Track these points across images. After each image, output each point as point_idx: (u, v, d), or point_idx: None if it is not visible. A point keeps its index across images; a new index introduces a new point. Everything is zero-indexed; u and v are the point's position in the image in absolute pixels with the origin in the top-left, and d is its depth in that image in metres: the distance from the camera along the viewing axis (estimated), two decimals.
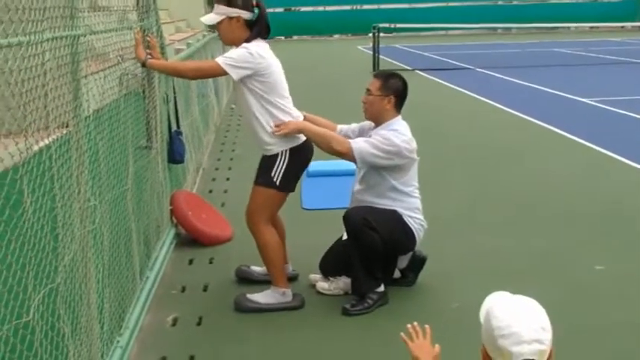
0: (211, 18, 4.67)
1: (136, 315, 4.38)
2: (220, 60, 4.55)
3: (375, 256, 4.67)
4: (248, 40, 4.58)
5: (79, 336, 3.10)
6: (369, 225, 4.61)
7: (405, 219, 4.77)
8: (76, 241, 3.07)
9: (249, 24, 4.63)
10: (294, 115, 4.69)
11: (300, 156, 4.70)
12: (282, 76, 4.68)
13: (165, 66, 4.92)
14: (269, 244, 4.74)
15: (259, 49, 4.55)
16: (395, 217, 4.75)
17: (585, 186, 7.64)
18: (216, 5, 4.68)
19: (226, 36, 4.69)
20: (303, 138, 4.67)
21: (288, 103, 4.68)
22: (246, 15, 4.62)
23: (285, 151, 4.63)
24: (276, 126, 4.58)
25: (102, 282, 3.57)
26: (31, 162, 2.55)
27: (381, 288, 4.78)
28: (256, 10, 4.66)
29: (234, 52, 4.56)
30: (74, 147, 3.09)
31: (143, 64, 4.77)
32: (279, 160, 4.63)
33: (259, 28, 4.64)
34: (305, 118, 4.85)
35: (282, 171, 4.63)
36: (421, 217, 4.87)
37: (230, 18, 4.61)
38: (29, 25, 2.49)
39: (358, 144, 4.66)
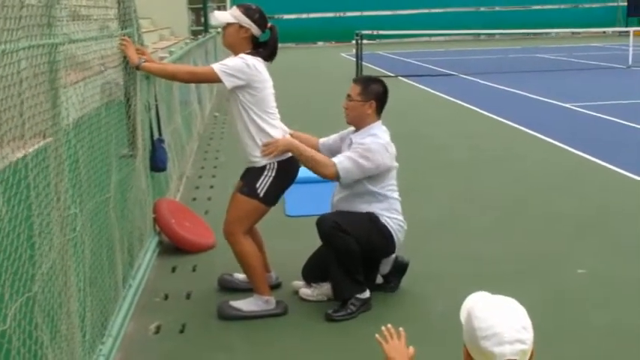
0: (225, 17, 4.69)
1: (118, 323, 4.37)
2: (216, 66, 4.56)
3: (351, 259, 4.66)
4: (247, 54, 4.60)
5: (58, 344, 3.09)
6: (340, 228, 4.62)
7: (382, 220, 4.77)
8: (55, 249, 3.05)
9: (255, 40, 4.66)
10: (282, 131, 4.70)
11: (287, 170, 4.71)
12: (273, 95, 4.71)
13: (160, 69, 4.93)
14: (248, 253, 4.73)
15: (256, 62, 4.57)
16: (370, 219, 4.75)
17: (567, 190, 7.69)
18: (234, 7, 4.72)
19: (228, 39, 4.69)
20: (290, 153, 4.68)
21: (275, 118, 4.70)
22: (255, 31, 4.65)
23: (273, 163, 4.63)
24: (265, 145, 4.59)
25: (83, 290, 3.56)
26: (7, 171, 2.54)
27: (366, 294, 4.79)
28: (267, 32, 4.69)
29: (231, 61, 4.57)
30: (52, 155, 3.08)
31: (137, 67, 4.77)
32: (266, 172, 4.63)
33: (265, 51, 4.67)
34: (292, 135, 4.86)
35: (268, 184, 4.63)
36: (400, 217, 4.87)
37: (240, 26, 4.63)
38: (4, 34, 2.48)
39: (342, 164, 4.66)
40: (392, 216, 4.82)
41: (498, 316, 2.11)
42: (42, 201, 2.92)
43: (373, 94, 4.79)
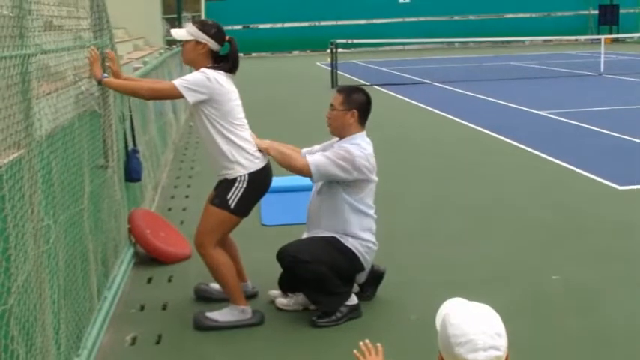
0: (181, 34, 4.70)
1: (94, 335, 4.34)
2: (177, 82, 4.56)
3: (321, 281, 4.67)
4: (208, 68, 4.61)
5: (34, 357, 3.07)
6: (299, 260, 4.63)
7: (346, 242, 4.75)
8: (29, 261, 3.04)
9: (214, 54, 4.67)
10: (251, 142, 4.70)
11: (259, 182, 4.70)
12: (239, 106, 4.70)
13: (121, 85, 4.89)
14: (220, 264, 4.72)
15: (218, 75, 4.57)
16: (330, 242, 4.73)
17: (540, 197, 7.75)
18: (190, 24, 4.72)
19: (187, 56, 4.71)
20: (261, 164, 4.68)
21: (243, 129, 4.69)
22: (213, 46, 4.65)
23: (244, 175, 4.63)
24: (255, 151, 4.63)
25: (58, 302, 3.53)
26: None
27: (353, 300, 4.80)
28: (227, 46, 4.69)
29: (192, 76, 4.57)
30: (26, 167, 3.07)
31: (99, 82, 4.75)
32: (237, 183, 4.62)
33: (227, 65, 4.68)
34: None
35: (239, 195, 4.62)
36: (371, 237, 4.84)
37: (197, 42, 4.63)
38: None
39: (314, 158, 4.68)
40: (362, 236, 4.79)
41: (472, 323, 2.11)
42: (17, 213, 2.91)
43: (355, 104, 4.79)
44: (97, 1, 5.25)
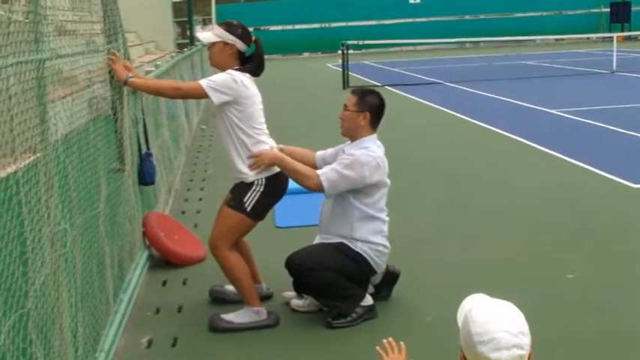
0: (208, 37, 4.70)
1: (110, 338, 4.35)
2: (203, 82, 4.56)
3: (330, 288, 4.67)
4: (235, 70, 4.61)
5: None
6: (305, 267, 4.63)
7: (356, 248, 4.73)
8: (47, 265, 3.05)
9: (242, 55, 4.68)
10: (269, 146, 4.70)
11: (276, 186, 4.71)
12: (261, 110, 4.71)
13: (147, 85, 4.91)
14: (235, 266, 4.72)
15: (244, 77, 4.58)
16: (337, 248, 4.72)
17: (554, 196, 7.72)
18: (215, 26, 4.73)
19: (215, 58, 4.71)
20: (278, 169, 4.68)
21: (263, 134, 4.69)
22: (241, 46, 4.66)
23: (261, 179, 4.63)
24: (249, 157, 4.59)
25: (75, 305, 3.55)
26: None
27: (368, 301, 4.79)
28: (252, 46, 4.70)
29: (218, 77, 4.57)
30: (42, 171, 3.08)
31: (125, 83, 4.77)
32: (254, 187, 4.63)
33: (252, 65, 4.68)
34: (281, 150, 4.84)
35: (256, 198, 4.63)
36: (381, 241, 4.81)
37: (225, 43, 4.64)
38: None
39: (326, 176, 4.62)
40: (372, 240, 4.76)
41: (495, 321, 2.08)
42: (33, 217, 2.92)
43: (368, 106, 4.77)
44: (111, 6, 5.27)
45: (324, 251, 4.72)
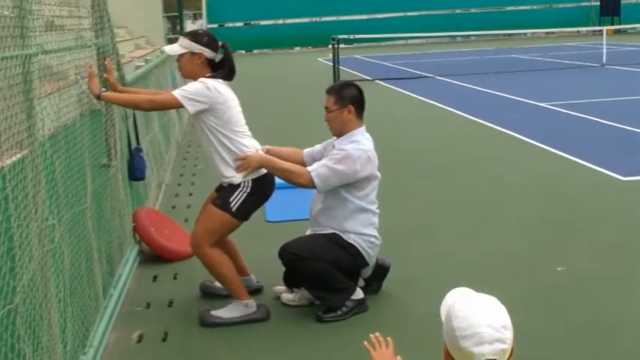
0: (174, 49, 4.69)
1: (100, 333, 4.35)
2: (177, 92, 4.55)
3: (323, 279, 4.68)
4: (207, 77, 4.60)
5: (40, 356, 3.08)
6: (300, 257, 4.63)
7: (349, 239, 4.74)
8: (34, 260, 3.04)
9: (211, 63, 4.66)
10: (254, 149, 4.69)
11: (262, 188, 4.70)
12: (240, 113, 4.70)
13: (120, 99, 4.79)
14: (218, 263, 4.72)
15: (216, 84, 4.57)
16: (331, 239, 4.73)
17: (543, 188, 7.74)
18: (181, 37, 4.71)
19: (185, 69, 4.70)
20: (264, 171, 4.67)
21: (244, 136, 4.68)
22: (209, 54, 4.64)
23: (248, 181, 4.63)
24: (237, 160, 4.58)
25: (63, 301, 3.54)
26: None
27: (358, 294, 4.80)
28: (221, 51, 4.69)
29: (191, 86, 4.56)
30: (30, 166, 3.07)
31: (98, 97, 4.71)
32: (241, 188, 4.63)
33: (223, 71, 4.67)
34: (268, 152, 4.84)
35: (242, 199, 4.62)
36: (373, 232, 4.82)
37: (192, 53, 4.63)
38: None
39: (317, 171, 4.62)
40: (364, 232, 4.77)
41: (478, 316, 2.09)
42: (20, 212, 2.91)
43: (348, 99, 4.76)
44: (98, 1, 5.25)
45: (318, 241, 4.73)
